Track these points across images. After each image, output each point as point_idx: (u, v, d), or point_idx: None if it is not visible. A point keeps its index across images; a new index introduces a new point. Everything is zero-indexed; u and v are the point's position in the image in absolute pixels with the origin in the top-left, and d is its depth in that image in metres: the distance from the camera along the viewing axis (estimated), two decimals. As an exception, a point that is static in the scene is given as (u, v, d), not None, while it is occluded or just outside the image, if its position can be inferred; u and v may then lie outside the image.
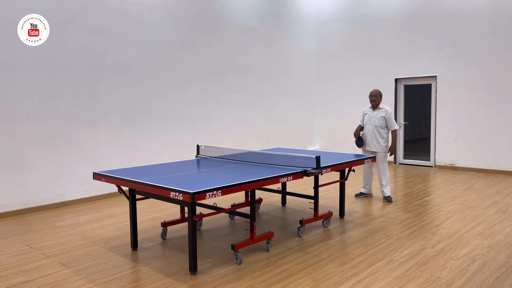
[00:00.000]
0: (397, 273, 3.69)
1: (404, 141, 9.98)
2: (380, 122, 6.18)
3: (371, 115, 6.27)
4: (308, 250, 4.31)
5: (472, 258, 4.00)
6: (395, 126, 6.20)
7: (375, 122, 6.20)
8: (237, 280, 3.59)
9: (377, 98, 6.22)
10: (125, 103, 7.08)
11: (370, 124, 6.24)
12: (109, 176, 4.18)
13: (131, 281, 3.62)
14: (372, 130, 6.23)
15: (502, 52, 8.38)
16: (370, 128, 6.24)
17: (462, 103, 8.92)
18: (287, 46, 10.27)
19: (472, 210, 5.74)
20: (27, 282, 3.63)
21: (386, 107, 6.24)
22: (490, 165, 8.64)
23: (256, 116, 9.51)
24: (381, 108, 6.23)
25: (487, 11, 8.50)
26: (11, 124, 5.81)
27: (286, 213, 5.84)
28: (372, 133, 6.23)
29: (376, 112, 6.23)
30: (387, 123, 6.19)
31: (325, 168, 4.58)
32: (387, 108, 6.23)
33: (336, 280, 3.57)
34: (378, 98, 6.23)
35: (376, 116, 6.20)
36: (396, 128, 6.21)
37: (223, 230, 5.04)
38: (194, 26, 8.15)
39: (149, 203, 6.17)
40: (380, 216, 5.51)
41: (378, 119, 6.18)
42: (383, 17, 9.92)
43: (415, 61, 9.51)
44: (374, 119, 6.21)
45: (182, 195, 3.39)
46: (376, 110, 6.24)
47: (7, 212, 5.82)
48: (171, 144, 7.71)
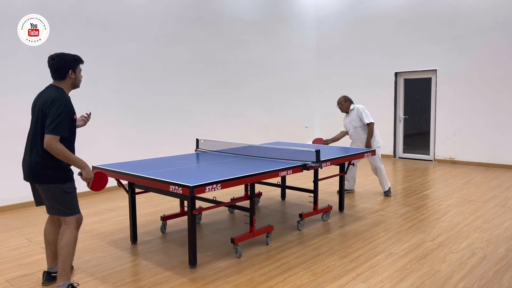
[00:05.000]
0: (397, 266, 3.69)
1: (404, 135, 9.97)
2: (357, 122, 6.25)
3: (348, 119, 6.37)
4: (308, 243, 4.31)
5: (471, 252, 4.00)
6: (368, 119, 6.16)
7: (353, 124, 6.29)
8: (237, 274, 3.59)
9: (342, 105, 6.35)
10: (123, 97, 7.05)
11: (351, 127, 6.34)
12: (109, 170, 4.17)
13: (130, 275, 3.62)
14: (354, 132, 6.31)
15: (502, 46, 8.34)
16: (352, 130, 6.34)
17: (462, 97, 8.90)
18: (286, 40, 10.22)
19: (472, 203, 5.74)
20: (27, 276, 3.63)
21: (357, 106, 6.30)
22: (489, 159, 8.64)
23: (255, 110, 9.48)
24: (353, 109, 6.31)
25: (487, 5, 8.45)
26: (11, 120, 5.80)
27: (285, 207, 5.84)
28: (355, 134, 6.32)
29: (350, 115, 6.33)
30: (361, 119, 6.21)
31: (324, 162, 4.58)
32: (358, 106, 6.29)
33: (335, 273, 3.57)
34: (344, 104, 6.33)
35: (352, 118, 6.29)
36: (370, 121, 6.16)
37: (222, 224, 5.05)
38: (194, 19, 8.10)
39: (148, 197, 6.17)
40: (380, 210, 5.52)
41: (355, 120, 6.27)
42: (383, 11, 9.86)
43: (415, 55, 9.47)
44: (352, 122, 6.31)
45: (181, 188, 3.38)
46: (350, 113, 6.33)
47: (7, 206, 5.82)
48: (170, 138, 7.69)
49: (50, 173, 3.12)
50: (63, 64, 3.19)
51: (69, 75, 3.22)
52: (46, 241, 3.46)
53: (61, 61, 3.18)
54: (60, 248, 3.16)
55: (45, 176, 3.12)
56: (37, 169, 3.12)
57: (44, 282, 3.43)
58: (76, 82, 3.31)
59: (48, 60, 3.21)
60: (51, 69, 3.21)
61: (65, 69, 3.20)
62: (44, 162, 3.10)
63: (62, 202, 3.17)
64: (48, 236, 3.44)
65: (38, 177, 3.14)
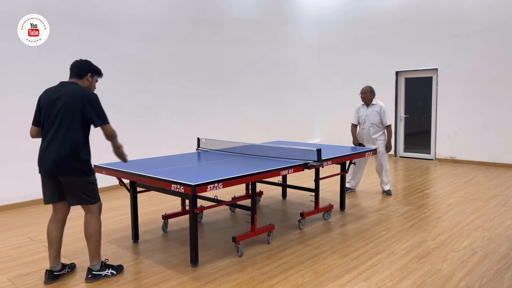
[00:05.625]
0: (398, 265, 3.70)
1: (405, 134, 9.97)
2: (376, 118, 6.06)
3: (366, 112, 6.15)
4: (309, 242, 4.31)
5: (472, 250, 4.00)
6: (388, 121, 6.07)
7: (370, 119, 6.09)
8: (238, 272, 3.59)
9: (366, 95, 6.11)
10: (124, 96, 7.06)
11: (366, 122, 6.14)
12: (110, 168, 4.18)
13: (132, 273, 3.63)
14: (369, 128, 6.14)
15: (503, 45, 8.33)
16: (367, 125, 6.14)
17: (463, 96, 8.89)
18: (287, 39, 10.22)
19: (473, 202, 5.74)
20: (28, 274, 3.64)
21: (380, 103, 6.13)
22: (490, 158, 8.64)
23: (256, 109, 9.48)
24: (375, 104, 6.12)
25: (488, 4, 8.44)
26: (12, 119, 5.80)
27: (286, 205, 5.85)
28: (369, 130, 6.14)
29: (370, 109, 6.12)
30: (381, 118, 6.09)
31: (326, 160, 4.57)
32: (381, 103, 6.13)
33: (337, 272, 3.57)
34: (369, 95, 6.10)
35: (371, 113, 6.09)
36: (389, 123, 6.07)
37: (224, 223, 5.05)
38: (194, 18, 8.10)
39: (150, 196, 6.17)
40: (381, 209, 5.52)
41: (373, 115, 6.07)
42: (384, 10, 9.86)
43: (416, 54, 9.47)
44: (369, 116, 6.10)
45: (183, 187, 3.38)
46: (371, 107, 6.12)
47: (9, 204, 5.82)
48: (171, 137, 7.70)
49: (78, 166, 3.30)
50: (86, 67, 3.47)
51: (87, 77, 3.47)
52: (49, 239, 3.49)
53: (85, 64, 3.48)
54: (90, 235, 3.44)
55: (73, 170, 3.29)
56: (65, 162, 3.27)
57: (47, 281, 3.45)
58: (91, 87, 3.53)
59: (73, 62, 3.48)
60: (73, 67, 3.46)
61: (86, 71, 3.47)
62: (73, 156, 3.28)
63: (88, 193, 3.40)
64: (51, 234, 3.48)
65: (65, 170, 3.29)
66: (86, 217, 3.46)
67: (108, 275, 3.50)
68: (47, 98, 3.35)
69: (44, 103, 3.35)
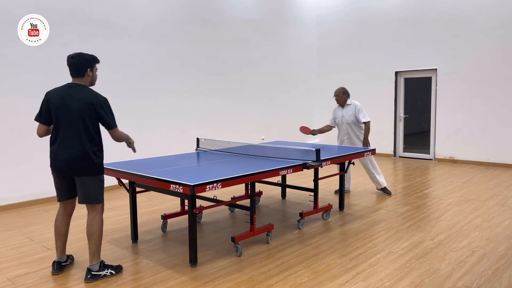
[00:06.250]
0: (397, 265, 3.71)
1: (404, 134, 9.98)
2: (352, 118, 6.09)
3: (342, 113, 6.19)
4: (308, 242, 4.32)
5: (471, 250, 4.01)
6: (365, 118, 6.04)
7: (347, 119, 6.12)
8: (237, 272, 3.60)
9: (340, 96, 6.15)
10: (124, 96, 7.06)
11: (343, 123, 6.17)
12: (109, 169, 4.19)
13: (131, 273, 3.64)
14: (347, 128, 6.15)
15: (502, 45, 8.34)
16: (344, 126, 6.16)
17: (462, 96, 8.90)
18: (287, 39, 10.23)
19: (472, 202, 5.75)
20: (28, 274, 3.65)
21: (354, 102, 6.14)
22: (489, 158, 8.65)
23: (256, 109, 9.49)
24: (350, 104, 6.14)
25: (488, 4, 8.45)
26: (12, 119, 5.81)
27: (286, 205, 5.85)
28: (347, 131, 6.16)
29: (346, 110, 6.15)
30: (356, 117, 6.08)
31: (325, 160, 4.58)
32: (356, 102, 6.14)
33: (335, 272, 3.58)
34: (342, 96, 6.14)
35: (347, 113, 6.12)
36: (367, 120, 6.04)
37: (223, 223, 5.06)
38: (194, 18, 8.10)
39: (149, 196, 6.18)
40: (380, 209, 5.53)
41: (349, 116, 6.10)
42: (384, 10, 9.87)
43: (415, 54, 9.47)
44: (345, 117, 6.14)
45: (182, 187, 3.39)
46: (346, 107, 6.16)
47: (8, 205, 5.83)
48: (171, 137, 7.70)
49: (92, 166, 3.43)
50: (82, 63, 3.44)
51: (87, 73, 3.48)
52: (57, 232, 3.62)
53: (81, 60, 3.44)
54: (93, 232, 3.48)
55: (87, 169, 3.41)
56: (80, 162, 3.38)
57: (55, 271, 3.61)
58: (93, 80, 3.57)
59: (68, 59, 3.44)
60: (71, 67, 3.46)
61: (84, 67, 3.45)
62: (87, 156, 3.40)
63: (98, 191, 3.51)
64: (60, 228, 3.62)
65: (80, 170, 3.41)
66: (90, 215, 3.52)
67: (107, 275, 3.53)
68: (57, 100, 3.39)
69: (54, 104, 3.39)
